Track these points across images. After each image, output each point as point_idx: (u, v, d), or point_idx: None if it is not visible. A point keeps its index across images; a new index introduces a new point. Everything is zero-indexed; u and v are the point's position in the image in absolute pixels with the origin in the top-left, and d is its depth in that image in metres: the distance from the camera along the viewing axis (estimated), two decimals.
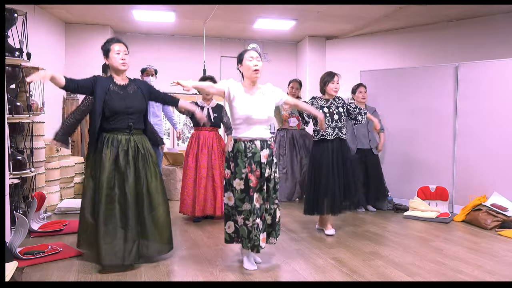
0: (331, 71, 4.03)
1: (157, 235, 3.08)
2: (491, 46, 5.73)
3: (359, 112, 4.07)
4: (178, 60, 7.21)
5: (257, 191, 2.95)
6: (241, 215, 2.92)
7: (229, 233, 3.04)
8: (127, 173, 2.99)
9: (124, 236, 2.92)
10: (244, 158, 2.91)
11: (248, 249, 2.95)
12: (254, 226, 2.89)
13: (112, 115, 2.99)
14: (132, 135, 3.07)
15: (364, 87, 5.04)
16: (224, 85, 2.98)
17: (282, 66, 7.68)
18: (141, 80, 3.27)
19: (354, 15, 5.99)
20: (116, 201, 2.94)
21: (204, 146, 4.42)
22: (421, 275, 2.88)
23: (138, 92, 3.12)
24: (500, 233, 4.02)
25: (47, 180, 4.77)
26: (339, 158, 3.88)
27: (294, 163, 5.54)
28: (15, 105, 3.97)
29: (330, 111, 3.91)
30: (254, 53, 2.98)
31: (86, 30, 6.57)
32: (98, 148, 3.01)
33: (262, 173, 2.95)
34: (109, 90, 3.00)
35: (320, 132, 3.89)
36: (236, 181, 2.91)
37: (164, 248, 3.15)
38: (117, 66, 3.04)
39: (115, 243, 2.89)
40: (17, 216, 3.11)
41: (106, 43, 3.08)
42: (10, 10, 3.92)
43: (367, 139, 5.04)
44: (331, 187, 3.81)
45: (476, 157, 4.83)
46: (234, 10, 5.76)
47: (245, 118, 2.92)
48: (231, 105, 2.98)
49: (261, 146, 2.96)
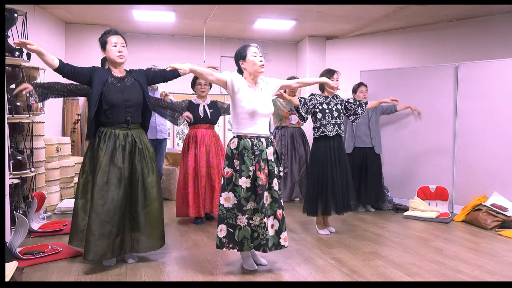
0: (330, 68, 4.03)
1: (149, 231, 3.06)
2: (491, 46, 5.73)
3: (359, 104, 4.06)
4: (178, 60, 7.16)
5: (266, 189, 2.88)
6: (245, 214, 2.83)
7: (221, 237, 2.87)
8: (123, 168, 2.98)
9: (109, 232, 2.89)
10: (251, 155, 2.86)
11: (250, 249, 2.88)
12: (261, 225, 2.81)
13: (109, 108, 2.97)
14: (130, 129, 3.06)
15: (365, 86, 5.04)
16: (227, 75, 2.92)
17: (282, 66, 7.68)
18: (137, 70, 3.24)
19: (354, 15, 5.99)
20: (109, 197, 2.92)
21: (202, 144, 4.37)
22: (421, 275, 2.88)
23: (136, 84, 3.09)
24: (500, 233, 4.02)
25: (47, 180, 4.77)
26: (340, 155, 3.88)
27: (294, 163, 5.50)
28: (15, 105, 3.98)
29: (330, 108, 3.91)
30: (256, 49, 2.96)
31: (86, 30, 6.57)
32: (96, 142, 3.00)
33: (270, 171, 2.90)
34: (107, 82, 2.98)
35: (321, 129, 3.87)
36: (242, 179, 2.83)
37: (156, 244, 3.11)
38: (114, 59, 3.02)
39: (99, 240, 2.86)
40: (17, 216, 3.11)
41: (103, 35, 3.05)
42: (10, 10, 3.93)
43: (369, 137, 5.02)
44: (337, 185, 3.80)
45: (476, 157, 4.83)
46: (234, 10, 5.76)
47: (251, 113, 2.87)
48: (234, 98, 2.91)
49: (267, 144, 2.94)
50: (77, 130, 6.46)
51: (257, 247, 2.86)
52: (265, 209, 2.83)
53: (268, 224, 2.85)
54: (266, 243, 2.82)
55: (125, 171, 2.99)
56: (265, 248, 2.82)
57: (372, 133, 5.03)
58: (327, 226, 4.05)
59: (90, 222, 2.87)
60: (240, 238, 2.85)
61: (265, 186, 2.86)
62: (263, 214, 2.81)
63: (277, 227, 2.90)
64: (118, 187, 2.95)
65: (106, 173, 2.93)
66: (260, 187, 2.82)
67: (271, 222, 2.89)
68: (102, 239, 2.87)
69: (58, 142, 5.11)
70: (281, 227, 2.90)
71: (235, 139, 2.92)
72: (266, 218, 2.83)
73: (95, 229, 2.86)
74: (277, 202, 2.90)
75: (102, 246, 2.87)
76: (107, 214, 2.90)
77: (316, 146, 3.93)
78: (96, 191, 2.90)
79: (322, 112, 3.87)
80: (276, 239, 2.89)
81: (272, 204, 2.90)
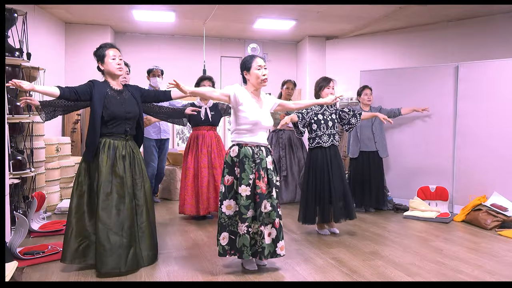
0: (326, 77, 4.00)
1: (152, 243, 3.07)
2: (491, 46, 5.73)
3: (353, 115, 4.03)
4: (178, 60, 7.21)
5: (266, 198, 2.89)
6: (245, 222, 2.84)
7: (223, 245, 2.88)
8: (125, 177, 2.98)
9: (120, 242, 2.86)
10: (251, 163, 2.88)
11: (249, 257, 2.89)
12: (258, 233, 2.85)
13: (110, 120, 2.98)
14: (127, 140, 3.08)
15: (370, 89, 5.04)
16: (230, 90, 2.91)
17: (282, 66, 7.69)
18: (131, 85, 3.24)
19: (354, 15, 5.99)
20: (114, 206, 2.89)
21: (204, 146, 4.45)
22: (421, 275, 2.88)
23: (132, 98, 3.11)
24: (500, 233, 4.02)
25: (47, 180, 4.78)
26: (335, 163, 3.85)
27: (293, 165, 5.52)
28: (15, 105, 3.98)
29: (325, 118, 3.89)
30: (261, 61, 2.95)
31: (86, 30, 6.57)
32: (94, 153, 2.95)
33: (269, 180, 2.92)
34: (107, 95, 2.99)
35: (316, 140, 3.86)
36: (242, 187, 2.85)
37: (155, 257, 3.12)
38: (114, 71, 3.02)
39: (110, 250, 2.82)
40: (17, 216, 3.11)
41: (100, 49, 3.05)
42: (10, 10, 3.93)
43: (372, 141, 5.02)
44: (333, 193, 3.78)
45: (476, 157, 4.83)
46: (234, 10, 5.76)
47: (254, 124, 2.88)
48: (237, 110, 2.90)
49: (266, 152, 2.96)
50: (77, 130, 6.46)
51: (253, 254, 2.90)
52: (262, 217, 2.86)
53: (265, 233, 2.87)
54: (262, 251, 2.85)
55: (128, 180, 2.99)
56: (261, 256, 2.86)
57: (376, 137, 5.02)
58: (332, 227, 4.04)
59: (98, 234, 2.84)
60: (240, 246, 2.87)
61: (264, 195, 2.88)
62: (260, 222, 2.85)
63: (274, 235, 2.91)
64: (123, 196, 2.94)
65: (110, 183, 2.92)
66: (258, 195, 2.85)
67: (269, 230, 2.90)
68: (112, 250, 2.82)
69: (58, 142, 5.11)
70: (278, 236, 2.90)
71: (235, 147, 2.92)
72: (263, 226, 2.86)
73: (105, 241, 2.82)
74: (275, 210, 2.91)
75: (114, 257, 2.82)
76: (115, 225, 2.87)
77: (311, 156, 3.91)
78: (101, 201, 2.87)
79: (318, 123, 3.86)
80: (272, 247, 2.90)
81: (271, 213, 2.90)
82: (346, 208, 3.85)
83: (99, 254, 2.82)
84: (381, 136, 5.06)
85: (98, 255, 2.82)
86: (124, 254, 2.86)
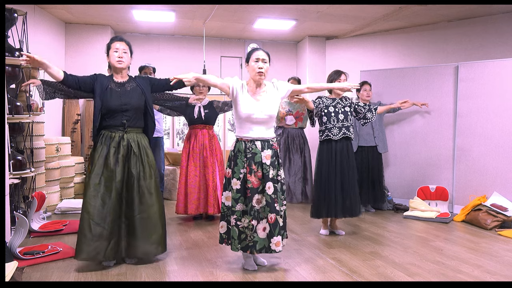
0: (338, 70, 3.97)
1: (145, 236, 3.04)
2: (491, 46, 5.72)
3: (369, 109, 4.03)
4: (178, 60, 7.21)
5: (259, 192, 2.91)
6: (234, 215, 2.90)
7: (221, 233, 3.03)
8: (116, 170, 3.00)
9: (100, 233, 2.90)
10: (243, 158, 2.92)
11: (237, 250, 2.92)
12: (249, 227, 2.87)
13: (107, 112, 3.03)
14: (126, 132, 3.07)
15: (369, 85, 5.05)
16: (229, 81, 2.99)
17: (282, 66, 7.68)
18: (143, 76, 3.29)
19: (354, 15, 5.99)
20: (99, 197, 2.95)
21: (196, 145, 4.46)
22: (421, 275, 2.88)
23: (137, 89, 3.13)
24: (500, 233, 4.02)
25: (47, 180, 4.78)
26: (344, 158, 3.82)
27: (292, 163, 5.47)
28: (15, 105, 3.97)
29: (336, 111, 3.86)
30: (261, 54, 2.95)
31: (86, 30, 6.57)
32: (96, 145, 3.06)
33: (264, 174, 2.91)
34: (108, 88, 3.04)
35: (325, 133, 3.85)
36: (234, 180, 2.93)
37: (152, 249, 3.07)
38: (113, 64, 3.08)
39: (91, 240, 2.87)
40: (17, 216, 3.11)
41: (109, 42, 3.13)
42: (10, 10, 3.93)
43: (372, 136, 5.01)
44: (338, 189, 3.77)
45: (476, 157, 4.83)
46: (234, 10, 5.76)
47: (246, 117, 2.92)
48: (235, 103, 2.98)
49: (262, 147, 2.94)
50: (77, 130, 6.45)
51: (244, 248, 2.91)
52: (254, 211, 2.87)
53: (258, 227, 2.88)
54: (254, 245, 2.86)
55: (117, 175, 3.00)
56: (253, 249, 2.87)
57: (375, 132, 5.02)
58: (336, 229, 4.03)
59: (81, 223, 2.92)
60: (230, 237, 2.95)
61: (256, 189, 2.89)
62: (251, 216, 2.87)
63: (268, 230, 2.90)
64: (109, 189, 2.97)
65: (99, 175, 2.98)
66: (249, 189, 2.88)
67: (263, 225, 2.90)
68: (93, 240, 2.88)
69: (58, 142, 5.11)
70: (272, 231, 2.89)
71: (234, 141, 3.02)
72: (254, 220, 2.87)
73: (86, 229, 2.89)
74: (270, 206, 2.89)
75: (94, 246, 2.88)
76: (98, 216, 2.92)
77: (320, 149, 3.91)
78: (89, 192, 2.95)
79: (328, 115, 3.84)
80: (266, 242, 2.90)
81: (265, 208, 2.90)
82: (349, 205, 3.81)
83: (79, 241, 2.90)
84: (381, 131, 5.06)
85: (78, 242, 2.90)
86: (103, 245, 2.91)
